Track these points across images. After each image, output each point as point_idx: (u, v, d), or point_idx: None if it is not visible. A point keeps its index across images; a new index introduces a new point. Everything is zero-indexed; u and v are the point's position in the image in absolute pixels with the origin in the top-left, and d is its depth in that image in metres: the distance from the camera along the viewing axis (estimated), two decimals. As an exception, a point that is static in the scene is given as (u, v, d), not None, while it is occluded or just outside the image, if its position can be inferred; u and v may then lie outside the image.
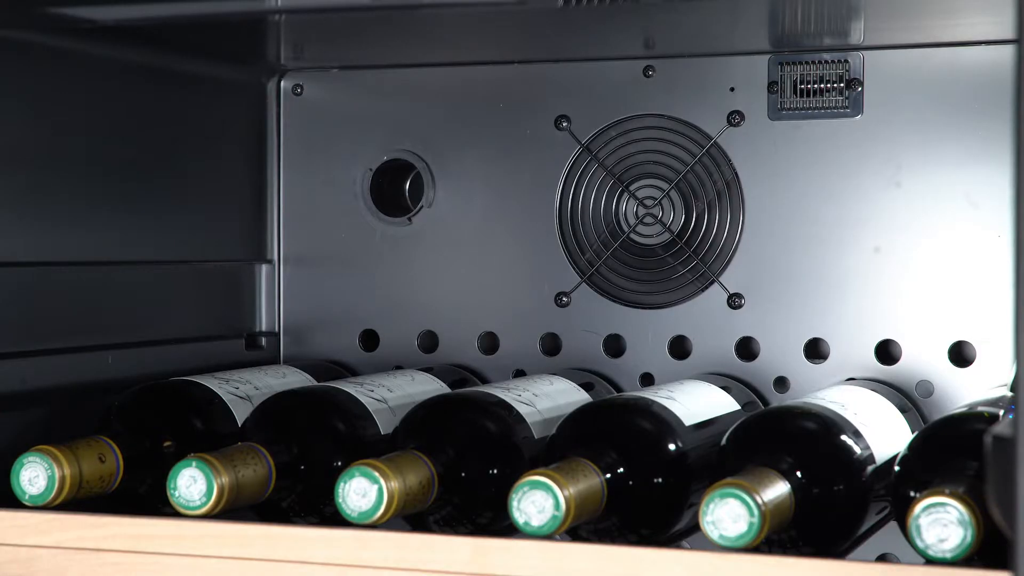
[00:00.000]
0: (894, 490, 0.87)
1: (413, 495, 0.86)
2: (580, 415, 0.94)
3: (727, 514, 0.78)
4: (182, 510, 0.86)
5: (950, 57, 1.10)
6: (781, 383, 1.15)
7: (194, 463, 0.86)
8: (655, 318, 1.18)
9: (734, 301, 1.16)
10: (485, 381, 1.21)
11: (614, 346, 1.19)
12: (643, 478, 0.89)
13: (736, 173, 1.16)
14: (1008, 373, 1.07)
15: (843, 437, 0.91)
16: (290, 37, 1.18)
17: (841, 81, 1.13)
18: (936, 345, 1.11)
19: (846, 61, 1.12)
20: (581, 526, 0.88)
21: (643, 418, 0.94)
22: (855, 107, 1.13)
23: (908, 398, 1.09)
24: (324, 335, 1.26)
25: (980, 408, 0.91)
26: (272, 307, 1.28)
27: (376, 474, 0.84)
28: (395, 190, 1.27)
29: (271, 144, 1.28)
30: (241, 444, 0.91)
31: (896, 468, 0.87)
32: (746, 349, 1.16)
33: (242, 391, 1.05)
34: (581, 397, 1.08)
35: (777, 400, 1.14)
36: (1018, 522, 0.67)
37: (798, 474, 0.85)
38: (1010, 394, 0.93)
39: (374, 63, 1.25)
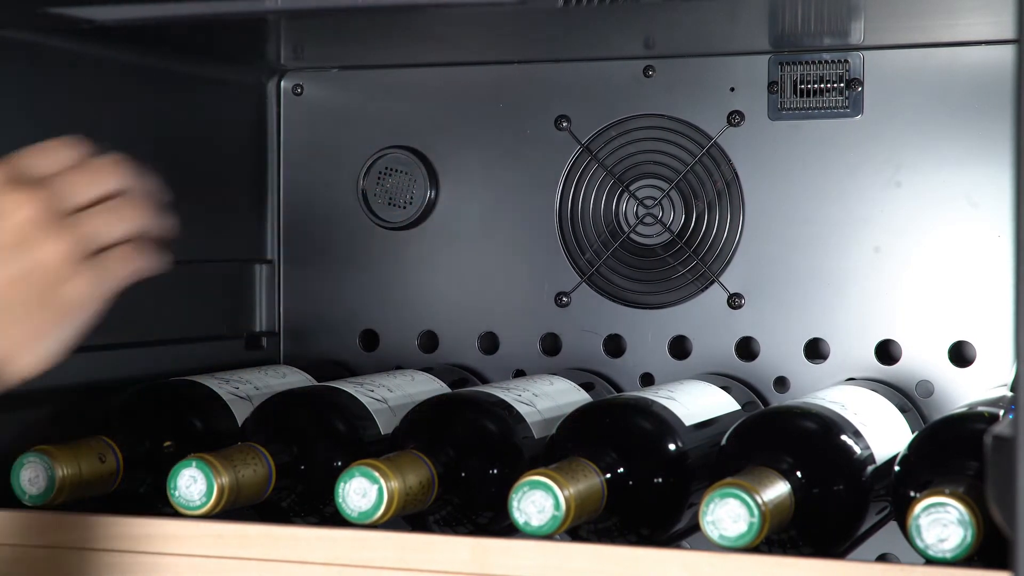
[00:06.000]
0: (894, 490, 0.87)
1: (413, 495, 0.86)
2: (580, 415, 0.94)
3: (727, 514, 0.78)
4: (182, 510, 0.86)
5: (950, 57, 1.10)
6: (781, 383, 1.14)
7: (194, 463, 0.86)
8: (655, 318, 1.18)
9: (734, 301, 1.16)
10: (485, 381, 1.21)
11: (614, 346, 1.19)
12: (643, 478, 0.89)
13: (736, 173, 1.16)
14: (1008, 373, 1.07)
15: (843, 437, 0.91)
16: (290, 37, 1.18)
17: (841, 81, 1.13)
18: (936, 345, 1.11)
19: (846, 61, 1.12)
20: (581, 526, 0.88)
21: (643, 418, 0.94)
22: (855, 107, 1.13)
23: (908, 398, 1.09)
24: (324, 335, 1.26)
25: (980, 408, 0.91)
26: (272, 307, 1.27)
27: (376, 474, 0.84)
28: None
29: (271, 144, 1.28)
30: (241, 444, 0.91)
31: (896, 468, 0.87)
32: (746, 349, 1.16)
33: (242, 391, 1.05)
34: (581, 397, 1.08)
35: (777, 400, 1.14)
36: (1018, 522, 0.67)
37: (798, 474, 0.85)
38: (1010, 394, 0.93)
39: (374, 63, 1.24)
